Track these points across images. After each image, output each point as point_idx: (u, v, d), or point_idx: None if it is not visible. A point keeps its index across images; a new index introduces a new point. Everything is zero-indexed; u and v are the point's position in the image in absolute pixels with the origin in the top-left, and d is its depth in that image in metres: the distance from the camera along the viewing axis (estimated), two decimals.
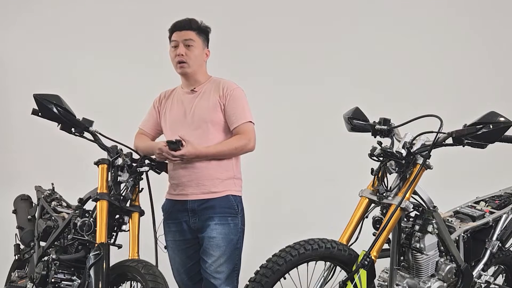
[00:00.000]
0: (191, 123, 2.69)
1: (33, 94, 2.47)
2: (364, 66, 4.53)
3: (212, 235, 2.63)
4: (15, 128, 4.54)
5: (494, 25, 4.57)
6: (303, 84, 4.53)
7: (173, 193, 2.74)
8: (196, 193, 2.66)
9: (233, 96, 2.69)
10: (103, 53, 4.58)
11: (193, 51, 2.71)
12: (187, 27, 2.73)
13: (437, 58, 4.55)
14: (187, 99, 2.75)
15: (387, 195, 2.44)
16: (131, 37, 4.58)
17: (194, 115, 2.69)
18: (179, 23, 2.75)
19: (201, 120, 2.68)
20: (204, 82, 2.78)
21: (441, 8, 4.60)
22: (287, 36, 4.57)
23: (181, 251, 2.75)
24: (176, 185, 2.71)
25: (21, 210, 3.20)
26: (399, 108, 3.29)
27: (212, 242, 2.62)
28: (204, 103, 2.70)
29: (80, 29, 4.61)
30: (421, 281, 2.48)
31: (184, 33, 2.72)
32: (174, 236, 2.75)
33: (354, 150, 3.17)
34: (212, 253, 2.62)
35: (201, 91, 2.75)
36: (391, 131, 2.56)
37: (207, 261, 2.63)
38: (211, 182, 2.66)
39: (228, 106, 2.68)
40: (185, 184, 2.67)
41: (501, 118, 2.25)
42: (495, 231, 2.78)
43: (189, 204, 2.67)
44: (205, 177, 2.65)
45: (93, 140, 2.60)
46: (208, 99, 2.70)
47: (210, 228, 2.63)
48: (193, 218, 2.68)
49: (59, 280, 2.42)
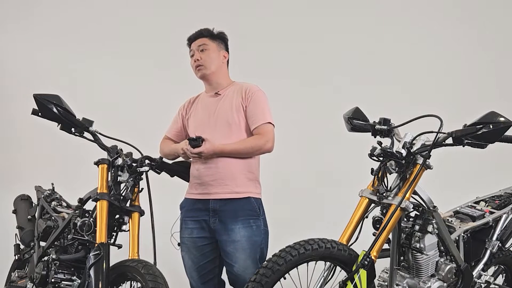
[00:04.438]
0: (215, 125, 2.77)
1: (33, 94, 2.47)
2: (364, 66, 4.54)
3: (236, 239, 2.68)
4: (15, 128, 4.54)
5: (494, 25, 4.58)
6: (303, 84, 4.53)
7: (195, 192, 2.78)
8: (218, 192, 2.71)
9: (254, 98, 2.77)
10: (103, 53, 4.58)
11: (208, 54, 2.84)
12: (200, 35, 2.90)
13: (437, 58, 4.55)
14: (211, 102, 2.84)
15: (387, 195, 2.44)
16: (131, 37, 4.58)
17: (217, 117, 2.77)
18: (192, 34, 2.93)
19: (223, 122, 2.76)
20: (227, 86, 2.88)
21: (441, 8, 4.60)
22: (286, 36, 4.58)
23: (196, 249, 2.78)
24: (199, 185, 2.75)
25: (21, 210, 3.20)
26: (399, 108, 3.29)
27: (237, 245, 2.67)
28: (227, 105, 2.79)
29: (80, 29, 4.61)
30: (421, 281, 2.48)
31: (198, 41, 2.88)
32: (191, 233, 2.78)
33: (354, 150, 3.17)
34: (239, 256, 2.68)
35: (224, 94, 2.84)
36: (391, 131, 2.56)
37: (234, 264, 2.68)
38: (234, 182, 2.70)
39: (249, 107, 2.76)
40: (208, 183, 2.71)
41: (501, 118, 2.25)
42: (495, 231, 2.78)
43: (211, 204, 2.71)
44: (228, 177, 2.70)
45: (93, 140, 2.60)
46: (231, 102, 2.79)
47: (234, 232, 2.68)
48: (213, 218, 2.71)
49: (59, 280, 2.42)
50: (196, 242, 2.77)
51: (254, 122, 2.74)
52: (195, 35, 2.91)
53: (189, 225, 2.78)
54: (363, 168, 2.63)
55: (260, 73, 4.50)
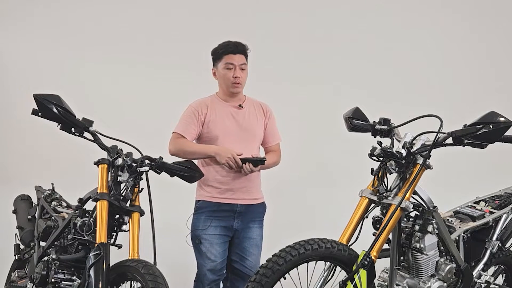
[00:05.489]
0: (243, 136, 3.03)
1: (33, 94, 2.47)
2: (364, 66, 4.54)
3: (253, 236, 3.04)
4: (15, 128, 4.54)
5: (494, 25, 4.58)
6: (303, 84, 4.53)
7: (220, 196, 3.00)
8: (246, 198, 3.02)
9: (272, 117, 3.17)
10: (103, 53, 4.58)
11: (245, 73, 3.07)
12: (243, 52, 3.05)
13: (438, 58, 4.56)
14: (237, 114, 3.07)
15: (387, 195, 2.44)
16: (132, 37, 4.59)
17: (247, 129, 3.03)
18: (236, 48, 3.03)
19: (252, 134, 3.06)
20: (244, 100, 3.13)
21: (441, 9, 4.60)
22: (287, 36, 4.58)
23: (213, 246, 2.99)
24: (226, 190, 2.99)
25: (21, 210, 3.19)
26: (399, 108, 3.29)
27: (252, 242, 3.04)
28: (253, 120, 3.09)
29: (80, 29, 4.61)
30: (421, 281, 2.48)
31: (239, 57, 3.02)
32: (214, 231, 3.00)
33: (354, 150, 3.18)
34: (253, 252, 3.04)
35: (247, 108, 3.10)
36: (391, 131, 2.56)
37: (247, 258, 3.03)
38: (256, 189, 3.08)
39: (269, 125, 3.14)
40: (237, 189, 2.99)
41: (501, 118, 2.25)
42: (495, 231, 2.78)
43: (238, 207, 3.01)
44: (253, 185, 3.05)
45: (93, 140, 2.60)
46: (256, 117, 3.10)
47: (251, 230, 3.05)
48: (237, 219, 3.01)
49: (59, 280, 2.41)
50: (218, 239, 2.99)
51: (272, 140, 3.15)
52: (238, 50, 3.02)
53: (213, 223, 2.99)
54: (363, 168, 2.63)
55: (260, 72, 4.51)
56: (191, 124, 3.00)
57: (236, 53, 3.01)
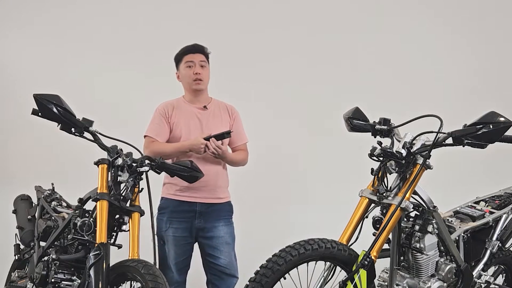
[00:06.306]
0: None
1: (33, 94, 2.46)
2: (364, 66, 4.54)
3: (220, 235, 3.07)
4: (15, 128, 4.54)
5: (494, 25, 4.58)
6: (303, 84, 4.53)
7: (181, 194, 3.04)
8: (207, 197, 3.05)
9: (237, 118, 3.23)
10: (103, 53, 4.58)
11: (206, 71, 3.16)
12: (200, 51, 3.16)
13: (437, 58, 4.55)
14: (201, 114, 3.13)
15: (387, 195, 2.44)
16: (132, 37, 4.58)
17: (211, 130, 3.02)
18: (193, 47, 3.16)
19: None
20: (210, 101, 3.20)
21: (442, 8, 4.60)
22: (287, 36, 4.58)
23: (178, 246, 3.05)
24: (187, 188, 3.00)
25: (21, 210, 3.19)
26: (399, 108, 3.29)
27: (221, 240, 3.08)
28: (218, 120, 3.14)
29: (80, 29, 4.61)
30: (421, 281, 2.48)
31: (198, 55, 3.14)
32: (175, 232, 3.04)
33: (354, 150, 3.18)
34: (224, 250, 3.08)
35: (212, 109, 3.16)
36: (391, 131, 2.56)
37: (219, 256, 3.08)
38: (220, 189, 3.10)
39: (234, 126, 3.18)
40: (198, 188, 2.99)
41: (501, 118, 2.25)
42: (495, 231, 2.78)
43: (198, 206, 3.04)
44: (216, 185, 3.06)
45: (93, 140, 2.59)
46: (220, 117, 3.16)
47: (218, 229, 3.07)
48: (198, 219, 3.04)
49: (59, 280, 2.41)
50: (179, 240, 3.05)
51: (239, 140, 3.20)
52: (196, 49, 3.14)
53: (174, 224, 3.04)
54: (363, 168, 2.63)
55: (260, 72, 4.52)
56: (162, 126, 3.09)
57: (195, 52, 3.13)
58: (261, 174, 4.17)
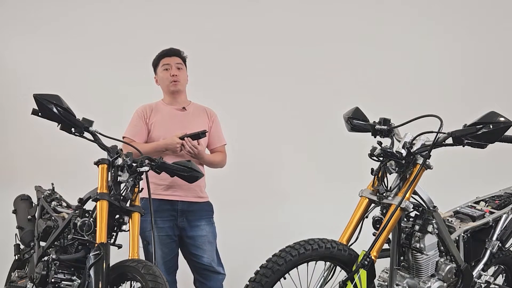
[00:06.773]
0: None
1: (33, 94, 2.46)
2: (364, 66, 4.54)
3: (203, 234, 3.14)
4: (15, 128, 4.54)
5: (494, 25, 4.58)
6: (303, 84, 4.53)
7: (163, 193, 3.08)
8: (188, 195, 3.11)
9: (216, 121, 3.30)
10: (103, 53, 4.58)
11: (183, 73, 3.26)
12: (177, 54, 3.26)
13: (437, 58, 4.56)
14: (179, 116, 3.20)
15: (387, 195, 2.44)
16: (132, 37, 4.59)
17: (189, 131, 3.04)
18: (169, 51, 3.26)
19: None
20: (189, 104, 3.29)
21: (442, 8, 4.60)
22: (287, 36, 4.58)
23: (164, 245, 3.09)
24: (168, 187, 3.07)
25: (21, 210, 3.19)
26: (399, 108, 3.29)
27: (204, 239, 3.14)
28: (197, 121, 3.19)
29: (80, 29, 4.61)
30: (421, 281, 2.48)
31: (174, 58, 3.24)
32: (160, 232, 3.07)
33: (354, 150, 3.18)
34: (206, 248, 3.14)
35: (190, 111, 3.25)
36: (391, 131, 2.56)
37: (202, 255, 3.14)
38: (198, 188, 3.15)
39: (213, 129, 3.26)
40: (179, 186, 3.04)
41: (501, 118, 2.25)
42: (495, 231, 2.78)
43: (180, 205, 3.10)
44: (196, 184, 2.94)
45: (93, 140, 2.59)
46: (199, 119, 3.22)
47: (200, 228, 3.14)
48: (180, 218, 3.11)
49: (59, 280, 2.41)
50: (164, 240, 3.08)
51: (217, 142, 3.27)
52: (172, 53, 3.24)
53: (158, 224, 3.06)
54: (363, 168, 2.63)
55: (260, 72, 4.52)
56: (140, 127, 3.16)
57: (171, 55, 3.24)
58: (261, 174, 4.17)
